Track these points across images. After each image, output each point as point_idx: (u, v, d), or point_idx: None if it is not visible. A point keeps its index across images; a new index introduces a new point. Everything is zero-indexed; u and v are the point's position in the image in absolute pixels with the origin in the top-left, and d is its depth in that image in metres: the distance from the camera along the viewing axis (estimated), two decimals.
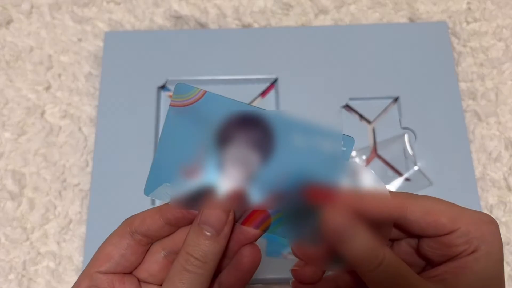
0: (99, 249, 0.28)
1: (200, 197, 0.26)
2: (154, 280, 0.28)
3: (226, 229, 0.25)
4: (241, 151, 0.25)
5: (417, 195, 0.27)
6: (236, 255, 0.27)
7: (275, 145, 0.25)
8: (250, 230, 0.26)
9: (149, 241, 0.28)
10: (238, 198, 0.26)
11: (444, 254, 0.27)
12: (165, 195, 0.27)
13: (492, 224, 0.26)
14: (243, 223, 0.26)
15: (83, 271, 0.27)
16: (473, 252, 0.26)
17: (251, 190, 0.25)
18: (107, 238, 0.28)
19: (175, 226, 0.27)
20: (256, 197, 0.25)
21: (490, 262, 0.26)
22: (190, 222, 0.26)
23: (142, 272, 0.28)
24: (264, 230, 0.26)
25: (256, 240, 0.27)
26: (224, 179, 0.25)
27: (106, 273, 0.27)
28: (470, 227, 0.26)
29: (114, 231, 0.28)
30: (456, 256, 0.26)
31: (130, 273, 0.28)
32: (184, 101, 0.26)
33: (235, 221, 0.26)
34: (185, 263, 0.25)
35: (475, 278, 0.26)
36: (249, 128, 0.25)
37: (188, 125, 0.26)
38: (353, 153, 0.48)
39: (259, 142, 0.25)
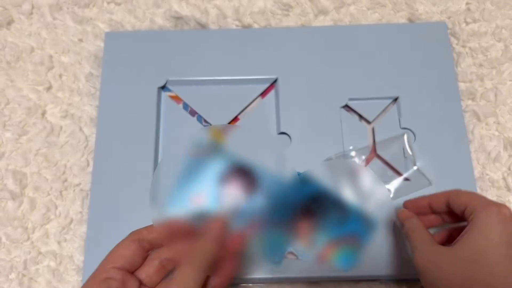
0: (112, 250, 0.34)
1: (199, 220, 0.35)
2: (149, 282, 0.35)
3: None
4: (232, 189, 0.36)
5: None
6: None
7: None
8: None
9: (151, 248, 0.35)
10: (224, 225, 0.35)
11: (454, 220, 0.40)
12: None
13: (500, 207, 0.34)
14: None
15: (99, 267, 0.33)
16: (471, 226, 0.34)
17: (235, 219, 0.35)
18: (118, 244, 0.35)
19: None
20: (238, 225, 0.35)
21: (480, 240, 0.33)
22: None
23: (141, 273, 0.35)
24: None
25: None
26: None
27: (120, 269, 0.33)
28: (479, 207, 0.35)
29: (123, 239, 0.35)
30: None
31: (133, 272, 0.35)
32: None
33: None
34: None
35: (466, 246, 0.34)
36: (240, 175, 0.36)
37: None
38: (353, 153, 0.48)
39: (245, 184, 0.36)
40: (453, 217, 0.39)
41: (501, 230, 0.33)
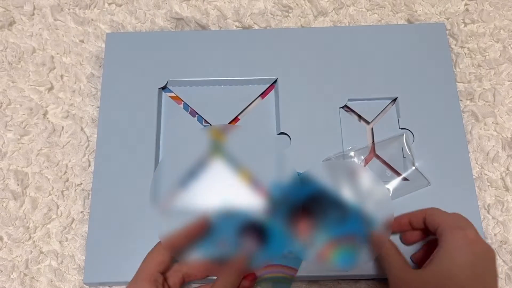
0: (152, 255, 0.40)
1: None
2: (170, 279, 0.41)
3: None
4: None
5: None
6: None
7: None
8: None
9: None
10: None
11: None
12: None
13: (464, 230, 0.37)
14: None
15: (146, 268, 0.39)
16: (440, 246, 0.37)
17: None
18: (156, 249, 0.41)
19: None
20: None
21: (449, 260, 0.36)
22: None
23: (170, 280, 0.40)
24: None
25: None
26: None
27: (161, 273, 0.39)
28: (446, 227, 0.38)
29: (157, 246, 0.41)
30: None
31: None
32: None
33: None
34: None
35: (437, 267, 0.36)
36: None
37: None
38: (352, 153, 0.48)
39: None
40: (431, 232, 0.41)
41: (466, 252, 0.36)
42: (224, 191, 0.45)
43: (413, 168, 0.47)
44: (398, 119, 0.50)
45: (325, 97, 0.50)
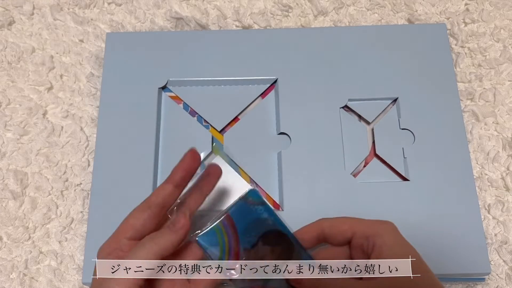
0: (123, 221, 0.36)
1: None
2: None
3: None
4: None
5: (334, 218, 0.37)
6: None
7: None
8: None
9: (162, 212, 0.36)
10: None
11: (360, 255, 0.35)
12: None
13: (386, 224, 0.35)
14: None
15: (110, 238, 0.35)
16: (373, 246, 0.34)
17: None
18: (129, 214, 0.36)
19: (181, 186, 0.37)
20: None
21: (388, 252, 0.33)
22: (191, 175, 0.36)
23: None
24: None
25: None
26: None
27: (130, 239, 0.35)
28: (366, 229, 0.35)
29: (134, 209, 0.36)
30: (369, 255, 0.34)
31: None
32: None
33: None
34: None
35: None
36: None
37: None
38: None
39: None
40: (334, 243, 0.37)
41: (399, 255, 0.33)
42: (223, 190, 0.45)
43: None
44: (398, 120, 0.50)
45: (325, 97, 0.50)
